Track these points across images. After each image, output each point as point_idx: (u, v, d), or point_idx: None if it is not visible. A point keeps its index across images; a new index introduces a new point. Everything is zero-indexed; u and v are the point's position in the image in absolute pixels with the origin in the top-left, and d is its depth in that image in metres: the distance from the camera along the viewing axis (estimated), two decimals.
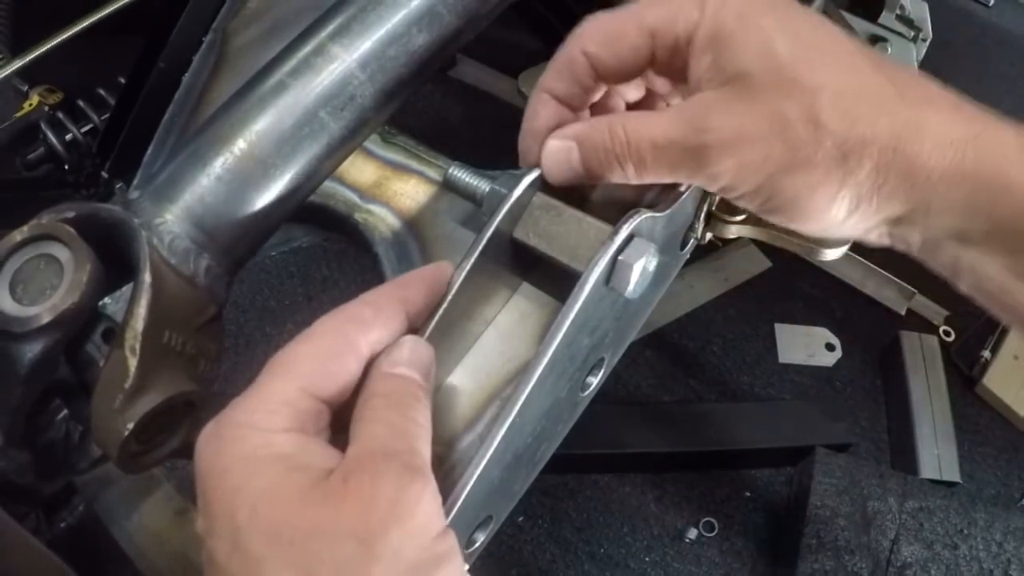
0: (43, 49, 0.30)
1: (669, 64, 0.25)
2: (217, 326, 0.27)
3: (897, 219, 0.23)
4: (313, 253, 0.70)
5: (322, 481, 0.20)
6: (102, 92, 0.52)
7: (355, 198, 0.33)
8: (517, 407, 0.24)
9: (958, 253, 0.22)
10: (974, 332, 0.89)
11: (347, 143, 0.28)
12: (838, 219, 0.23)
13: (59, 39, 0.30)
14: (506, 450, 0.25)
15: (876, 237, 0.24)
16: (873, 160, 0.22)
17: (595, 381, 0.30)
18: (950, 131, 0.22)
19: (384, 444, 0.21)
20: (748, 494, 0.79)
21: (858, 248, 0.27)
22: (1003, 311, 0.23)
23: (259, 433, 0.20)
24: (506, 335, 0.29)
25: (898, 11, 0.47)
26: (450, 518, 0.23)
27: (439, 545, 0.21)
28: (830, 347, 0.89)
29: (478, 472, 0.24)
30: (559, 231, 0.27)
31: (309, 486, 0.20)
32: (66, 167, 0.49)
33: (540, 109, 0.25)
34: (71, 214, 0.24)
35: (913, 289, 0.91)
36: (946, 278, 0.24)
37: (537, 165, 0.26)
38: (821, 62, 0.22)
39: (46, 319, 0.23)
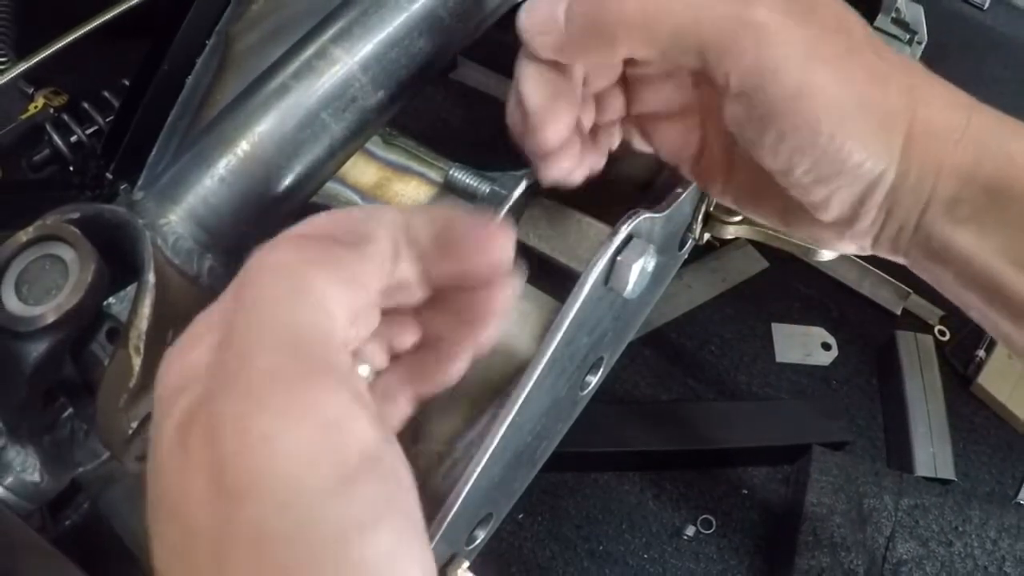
0: (48, 52, 0.30)
1: None
2: None
3: (900, 186, 0.20)
4: None
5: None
6: (107, 94, 0.52)
7: (357, 199, 0.33)
8: (517, 406, 0.24)
9: (951, 235, 0.21)
10: (969, 332, 0.89)
11: (349, 144, 0.28)
12: (860, 165, 0.20)
13: (64, 42, 0.30)
14: (506, 448, 0.25)
15: (869, 224, 0.21)
16: (900, 89, 0.20)
17: (594, 380, 0.30)
18: (955, 97, 0.21)
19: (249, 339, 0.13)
20: (745, 492, 0.79)
21: None
22: (990, 303, 0.21)
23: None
24: (506, 334, 0.29)
25: (894, 14, 0.48)
26: (450, 516, 0.24)
27: (351, 495, 0.12)
28: (826, 346, 0.90)
29: (478, 470, 0.24)
30: (558, 232, 0.27)
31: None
32: (71, 168, 0.49)
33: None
34: (76, 215, 0.24)
35: (908, 289, 0.92)
36: (932, 279, 0.22)
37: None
38: (853, 19, 0.21)
39: (51, 318, 0.23)
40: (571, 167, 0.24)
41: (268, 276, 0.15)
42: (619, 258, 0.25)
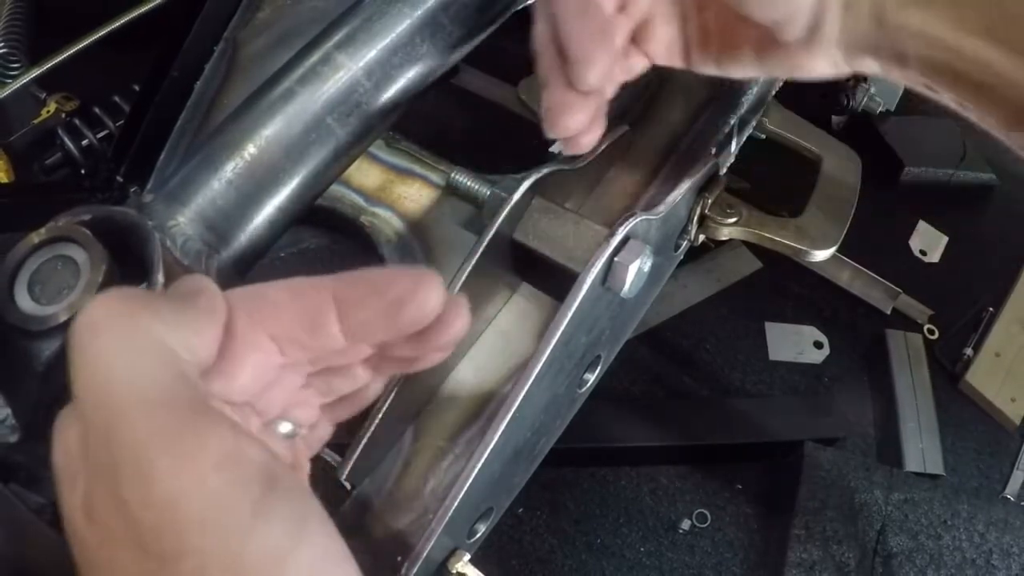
0: (60, 58, 0.31)
1: None
2: None
3: None
4: (321, 254, 0.71)
5: None
6: (117, 99, 0.53)
7: (361, 201, 0.34)
8: (517, 403, 0.25)
9: (904, 19, 0.21)
10: (957, 331, 0.91)
11: (353, 148, 0.29)
12: None
13: (76, 48, 0.31)
14: (506, 444, 0.26)
15: (831, 28, 0.22)
16: None
17: (592, 378, 0.31)
18: None
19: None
20: (739, 487, 0.80)
21: (845, 249, 0.27)
22: (954, 82, 0.22)
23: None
24: (506, 333, 0.30)
25: None
26: (452, 511, 0.24)
27: (268, 520, 0.13)
28: (818, 345, 0.91)
29: (479, 465, 0.25)
30: (557, 233, 0.28)
31: None
32: (82, 172, 0.50)
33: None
34: (87, 217, 0.24)
35: (898, 289, 0.93)
36: (904, 77, 0.23)
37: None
38: None
39: (63, 318, 0.23)
40: (587, 122, 0.24)
41: (92, 337, 0.14)
42: (616, 259, 0.26)
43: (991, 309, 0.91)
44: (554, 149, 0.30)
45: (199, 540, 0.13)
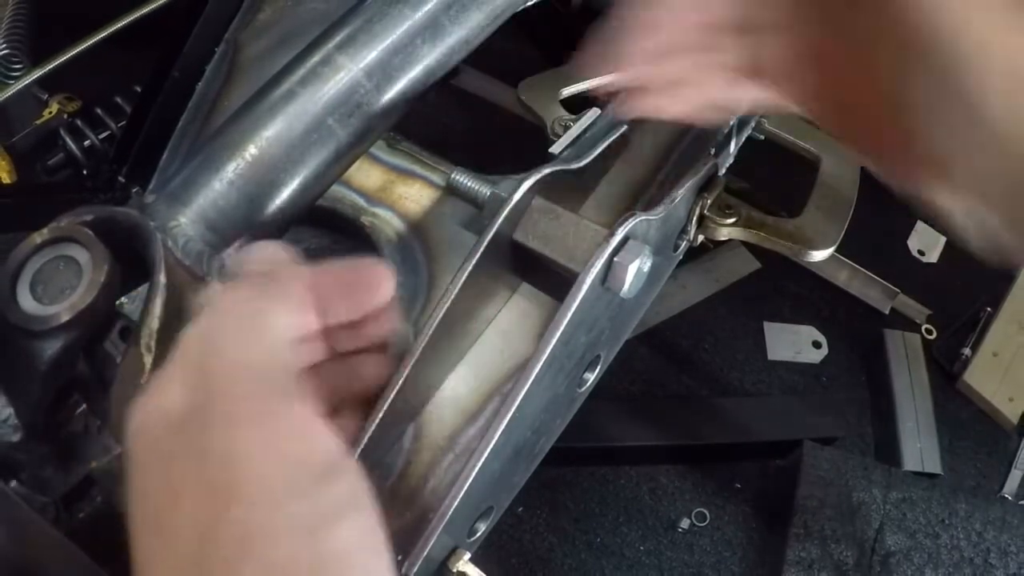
0: (62, 59, 0.31)
1: None
2: None
3: None
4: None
5: None
6: (119, 100, 0.53)
7: (362, 202, 0.34)
8: (517, 402, 0.25)
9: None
10: (955, 330, 0.91)
11: (354, 149, 0.29)
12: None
13: (78, 49, 0.31)
14: (506, 443, 0.26)
15: None
16: None
17: (591, 377, 0.31)
18: None
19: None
20: (738, 486, 0.81)
21: (844, 249, 0.27)
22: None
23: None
24: (506, 333, 0.30)
25: None
26: (452, 509, 0.25)
27: (320, 493, 0.14)
28: (817, 345, 0.91)
29: (480, 464, 0.25)
30: (557, 233, 0.28)
31: None
32: (84, 172, 0.50)
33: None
34: (89, 217, 0.25)
35: (896, 289, 0.93)
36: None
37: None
38: None
39: (65, 318, 0.24)
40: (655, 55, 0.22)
41: (229, 319, 0.17)
42: (616, 259, 0.26)
43: (989, 309, 0.92)
44: (554, 150, 0.31)
45: (257, 490, 0.15)
